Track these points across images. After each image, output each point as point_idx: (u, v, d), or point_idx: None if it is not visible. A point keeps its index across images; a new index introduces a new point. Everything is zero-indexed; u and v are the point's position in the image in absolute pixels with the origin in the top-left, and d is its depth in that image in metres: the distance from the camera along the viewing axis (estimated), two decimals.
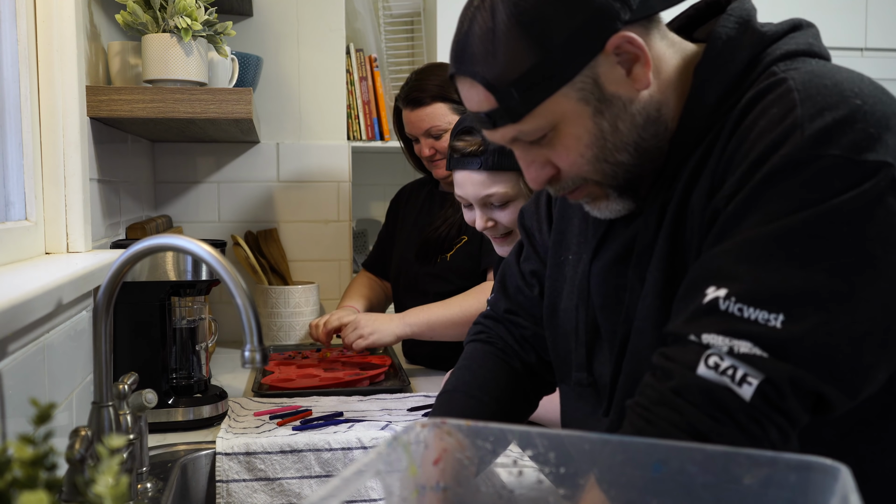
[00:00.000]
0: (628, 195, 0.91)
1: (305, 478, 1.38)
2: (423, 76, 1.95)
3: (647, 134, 0.88)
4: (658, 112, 0.88)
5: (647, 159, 0.89)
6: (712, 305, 0.77)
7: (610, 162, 0.88)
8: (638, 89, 0.86)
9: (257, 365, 0.96)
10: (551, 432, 0.69)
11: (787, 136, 0.77)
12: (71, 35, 1.32)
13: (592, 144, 0.87)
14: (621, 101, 0.86)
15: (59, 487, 0.57)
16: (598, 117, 0.85)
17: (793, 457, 0.60)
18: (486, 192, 1.47)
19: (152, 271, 1.43)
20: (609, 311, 0.96)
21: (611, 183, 0.90)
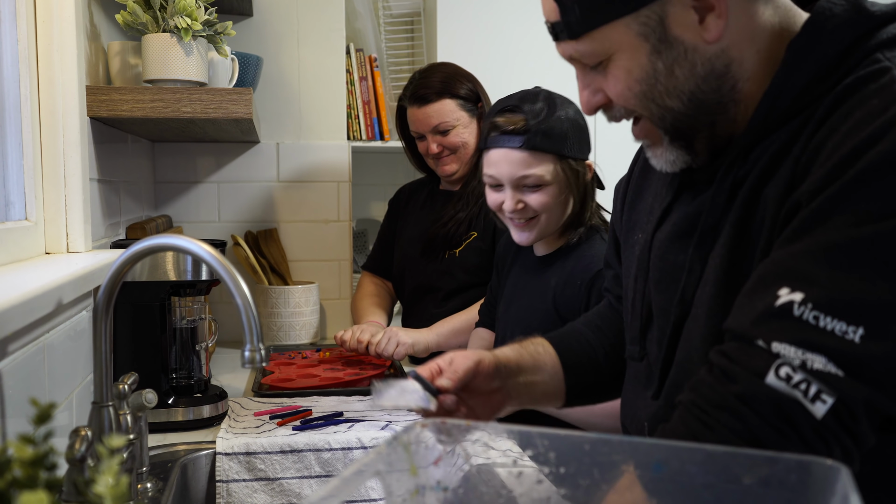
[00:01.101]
0: (680, 144, 0.87)
1: (305, 478, 1.38)
2: (429, 73, 1.98)
3: (708, 87, 0.83)
4: (726, 68, 0.83)
5: (702, 111, 0.85)
6: (785, 309, 0.72)
7: (658, 104, 0.85)
8: (707, 40, 0.81)
9: (257, 365, 0.96)
10: (551, 432, 0.69)
11: (885, 130, 0.72)
12: (71, 35, 1.32)
13: (642, 81, 0.84)
14: (683, 47, 0.82)
15: (59, 487, 0.57)
16: (655, 56, 0.82)
17: (793, 457, 0.60)
18: (523, 171, 1.47)
19: (152, 271, 1.43)
20: (663, 287, 0.92)
21: (660, 125, 0.87)
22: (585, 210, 1.53)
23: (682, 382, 0.86)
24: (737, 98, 0.85)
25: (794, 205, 0.76)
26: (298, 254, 2.40)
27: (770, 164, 0.81)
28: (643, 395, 0.96)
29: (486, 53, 2.48)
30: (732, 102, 0.85)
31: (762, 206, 0.81)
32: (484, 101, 1.98)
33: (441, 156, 1.97)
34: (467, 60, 2.15)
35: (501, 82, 2.52)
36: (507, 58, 2.50)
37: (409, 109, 1.98)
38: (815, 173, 0.75)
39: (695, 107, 0.84)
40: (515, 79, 2.50)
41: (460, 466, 0.75)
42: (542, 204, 1.49)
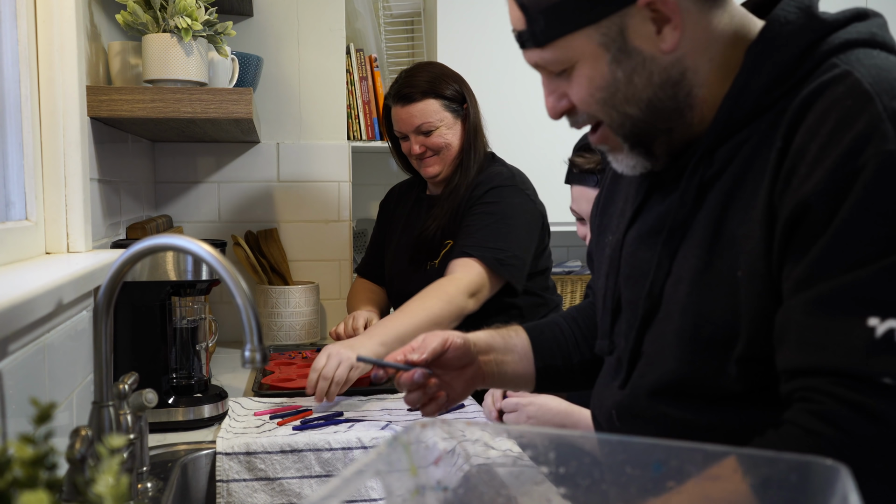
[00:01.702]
0: (639, 150, 0.91)
1: (305, 477, 1.38)
2: (414, 73, 1.94)
3: (664, 94, 0.87)
4: (681, 76, 0.86)
5: (660, 118, 0.88)
6: (888, 339, 0.72)
7: (618, 110, 0.88)
8: (663, 50, 0.85)
9: (257, 365, 0.96)
10: (551, 432, 0.69)
11: (875, 128, 0.75)
12: (71, 35, 1.32)
13: (603, 89, 0.87)
14: (642, 57, 0.85)
15: (59, 487, 0.57)
16: (615, 66, 0.86)
17: (793, 457, 0.60)
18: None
19: (152, 271, 1.43)
20: (632, 282, 0.96)
21: (620, 131, 0.90)
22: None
23: (649, 374, 0.91)
24: (692, 103, 0.88)
25: (802, 207, 0.77)
26: (298, 254, 2.40)
27: (743, 165, 0.84)
28: (611, 385, 1.00)
29: (487, 53, 2.49)
30: (688, 108, 0.88)
31: (741, 205, 0.83)
32: (470, 101, 1.94)
33: (424, 156, 1.94)
34: (467, 60, 2.15)
35: (501, 82, 2.52)
36: (507, 58, 2.50)
37: (394, 108, 1.94)
38: (813, 174, 0.77)
39: (652, 113, 0.88)
40: (515, 79, 2.51)
41: (460, 466, 0.75)
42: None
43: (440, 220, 1.92)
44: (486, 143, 1.99)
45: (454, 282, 1.77)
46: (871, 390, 0.72)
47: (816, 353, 0.75)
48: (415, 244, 1.97)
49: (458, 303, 1.75)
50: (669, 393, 0.89)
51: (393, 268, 2.07)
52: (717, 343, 0.84)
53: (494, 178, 1.91)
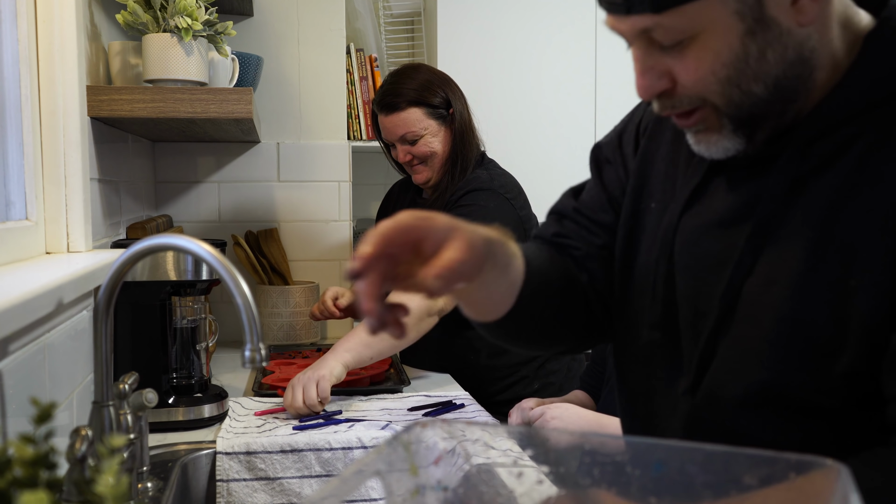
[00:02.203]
0: (743, 133, 0.81)
1: (305, 477, 1.38)
2: (398, 79, 1.90)
3: (793, 73, 0.79)
4: (811, 53, 0.79)
5: (781, 98, 0.80)
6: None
7: (742, 89, 0.79)
8: (800, 23, 0.77)
9: (257, 365, 0.96)
10: (552, 432, 0.69)
11: None
12: (71, 35, 1.32)
13: (731, 65, 0.77)
14: (779, 29, 0.76)
15: (59, 487, 0.57)
16: (749, 38, 0.76)
17: (793, 457, 0.60)
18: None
19: (153, 271, 1.43)
20: (695, 274, 0.86)
21: (732, 112, 0.80)
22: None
23: (730, 382, 0.82)
24: (810, 87, 0.80)
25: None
26: (298, 254, 2.40)
27: (856, 164, 0.77)
28: (670, 386, 0.90)
29: (486, 53, 2.49)
30: (805, 91, 0.80)
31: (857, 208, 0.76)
32: (456, 105, 1.90)
33: (412, 164, 1.92)
34: (467, 60, 2.15)
35: (501, 82, 2.52)
36: (507, 58, 2.50)
37: (379, 116, 1.92)
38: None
39: (776, 93, 0.79)
40: (516, 79, 2.51)
41: (460, 466, 0.75)
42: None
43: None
44: (478, 144, 1.95)
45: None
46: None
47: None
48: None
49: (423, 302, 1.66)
50: (756, 404, 0.82)
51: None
52: (820, 354, 0.77)
53: (472, 182, 1.88)
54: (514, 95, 2.53)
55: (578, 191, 1.06)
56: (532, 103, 2.53)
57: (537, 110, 2.54)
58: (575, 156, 2.53)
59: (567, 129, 2.55)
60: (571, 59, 2.53)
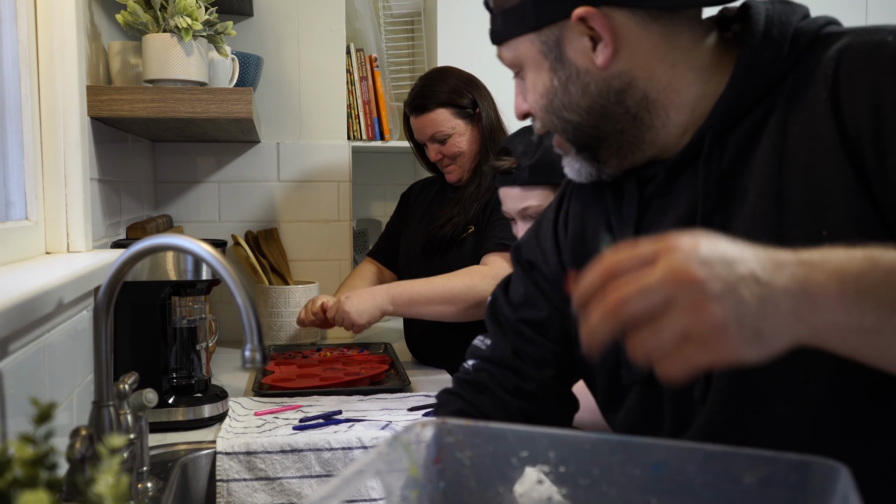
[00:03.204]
0: (585, 154, 0.93)
1: (305, 477, 1.38)
2: (428, 82, 1.99)
3: (607, 101, 0.88)
4: (627, 85, 0.87)
5: (606, 122, 0.89)
6: None
7: (559, 116, 0.91)
8: (598, 66, 0.86)
9: (257, 365, 0.96)
10: (551, 432, 0.69)
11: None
12: (71, 35, 1.32)
13: (544, 95, 0.91)
14: (576, 69, 0.88)
15: (59, 487, 0.57)
16: (552, 73, 0.89)
17: (793, 456, 0.60)
18: (521, 205, 1.57)
19: (153, 271, 1.43)
20: None
21: (565, 136, 0.93)
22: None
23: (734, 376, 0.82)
24: (649, 107, 0.88)
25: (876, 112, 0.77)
26: (298, 254, 2.40)
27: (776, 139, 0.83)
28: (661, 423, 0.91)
29: (486, 53, 2.47)
30: (645, 111, 0.88)
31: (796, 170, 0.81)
32: (483, 104, 1.98)
33: (443, 163, 2.02)
34: (467, 60, 2.15)
35: (501, 82, 2.52)
36: None
37: (410, 118, 2.02)
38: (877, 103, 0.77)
39: (595, 118, 0.89)
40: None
41: (460, 466, 0.75)
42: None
43: (462, 217, 1.96)
44: None
45: (483, 269, 1.85)
46: None
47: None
48: (430, 236, 2.02)
49: (481, 291, 1.81)
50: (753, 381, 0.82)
51: (408, 256, 2.11)
52: None
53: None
54: (513, 96, 2.52)
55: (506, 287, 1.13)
56: None
57: None
58: None
59: None
60: None
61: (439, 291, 1.82)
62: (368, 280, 2.18)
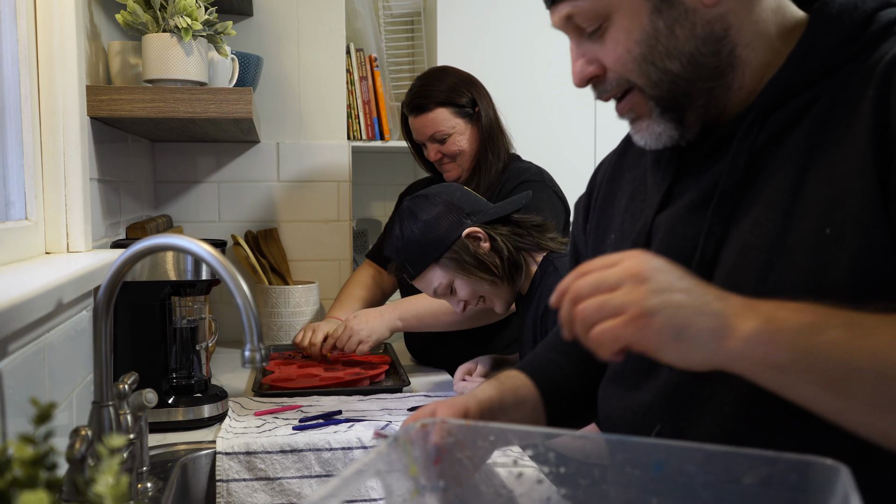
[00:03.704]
0: (671, 116, 0.87)
1: (305, 477, 1.38)
2: (426, 82, 1.99)
3: (707, 49, 0.84)
4: (725, 32, 0.84)
5: (701, 76, 0.85)
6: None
7: (658, 66, 0.85)
8: (705, 3, 0.82)
9: (257, 365, 0.96)
10: (551, 432, 0.69)
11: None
12: (71, 35, 1.32)
13: (643, 42, 0.84)
14: (684, 7, 0.83)
15: (59, 487, 0.57)
16: (656, 16, 0.83)
17: (793, 457, 0.60)
18: (429, 290, 1.62)
19: (152, 271, 1.43)
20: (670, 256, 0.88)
21: (655, 93, 0.86)
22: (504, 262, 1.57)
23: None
24: (734, 63, 0.85)
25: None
26: (298, 254, 2.40)
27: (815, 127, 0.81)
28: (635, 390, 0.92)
29: (486, 53, 2.48)
30: (730, 68, 0.85)
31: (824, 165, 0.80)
32: (482, 104, 1.98)
33: (442, 162, 2.01)
34: (467, 60, 2.15)
35: (501, 82, 2.52)
36: (507, 58, 2.50)
37: (409, 118, 2.02)
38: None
39: (694, 70, 0.85)
40: (515, 79, 2.51)
41: (460, 466, 0.75)
42: (468, 294, 1.60)
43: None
44: (508, 143, 2.03)
45: None
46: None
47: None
48: None
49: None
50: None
51: None
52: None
53: (523, 174, 1.95)
54: (514, 95, 2.52)
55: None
56: (532, 103, 2.53)
57: (537, 110, 2.54)
58: (574, 155, 2.54)
59: (567, 129, 2.56)
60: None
61: (445, 304, 1.82)
62: (367, 286, 2.17)
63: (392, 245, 1.61)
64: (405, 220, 1.59)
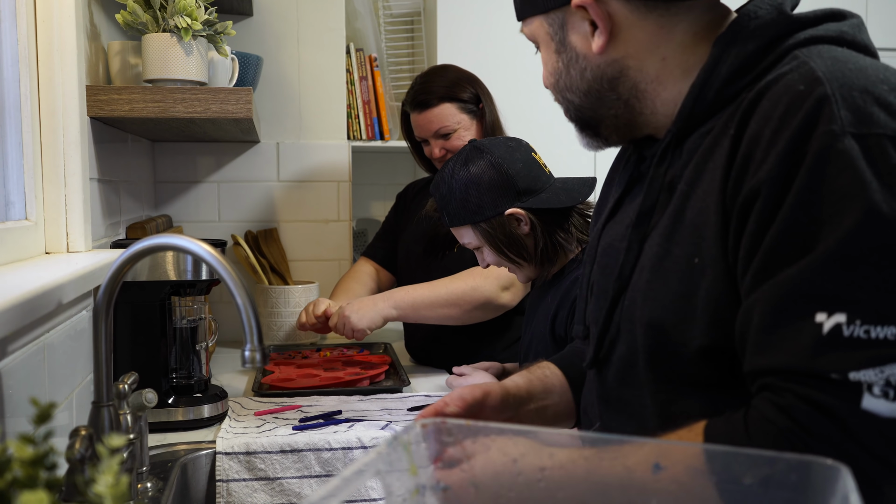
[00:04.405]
0: (587, 131, 0.99)
1: (305, 477, 1.38)
2: (429, 78, 1.98)
3: (600, 87, 0.92)
4: (620, 73, 0.91)
5: (601, 105, 0.94)
6: (835, 335, 0.71)
7: (563, 95, 0.96)
8: (594, 51, 0.90)
9: (257, 365, 0.96)
10: (551, 431, 0.69)
11: (821, 110, 0.75)
12: (71, 35, 1.32)
13: (553, 74, 0.96)
14: (575, 53, 0.92)
15: (59, 487, 0.57)
16: (557, 55, 0.94)
17: (793, 457, 0.60)
18: (461, 241, 1.59)
19: (152, 271, 1.43)
20: (604, 269, 0.98)
21: (567, 114, 0.99)
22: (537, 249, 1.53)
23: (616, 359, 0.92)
24: (639, 96, 0.92)
25: (754, 194, 0.77)
26: (298, 254, 2.40)
27: (703, 155, 0.85)
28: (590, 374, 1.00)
29: (486, 53, 2.48)
30: (635, 99, 0.92)
31: (700, 194, 0.84)
32: (485, 101, 1.98)
33: (445, 160, 1.96)
34: (467, 60, 2.15)
35: (502, 82, 2.52)
36: (507, 57, 2.50)
37: (412, 115, 1.99)
38: (767, 159, 0.77)
39: (592, 101, 0.94)
40: (516, 78, 2.51)
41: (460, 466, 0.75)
42: (494, 261, 1.56)
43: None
44: None
45: (486, 272, 1.82)
46: (820, 385, 0.72)
47: (771, 354, 0.75)
48: (433, 234, 1.99)
49: (486, 292, 1.81)
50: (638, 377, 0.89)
51: (408, 257, 2.09)
52: (675, 330, 0.84)
53: None
54: (514, 95, 2.52)
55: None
56: (532, 103, 2.53)
57: (537, 110, 2.54)
58: (575, 155, 2.53)
59: (567, 129, 2.55)
60: None
61: (443, 295, 1.82)
62: (364, 283, 2.15)
63: (438, 182, 1.56)
64: (459, 162, 1.53)
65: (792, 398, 0.73)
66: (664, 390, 0.86)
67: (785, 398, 0.74)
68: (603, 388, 0.96)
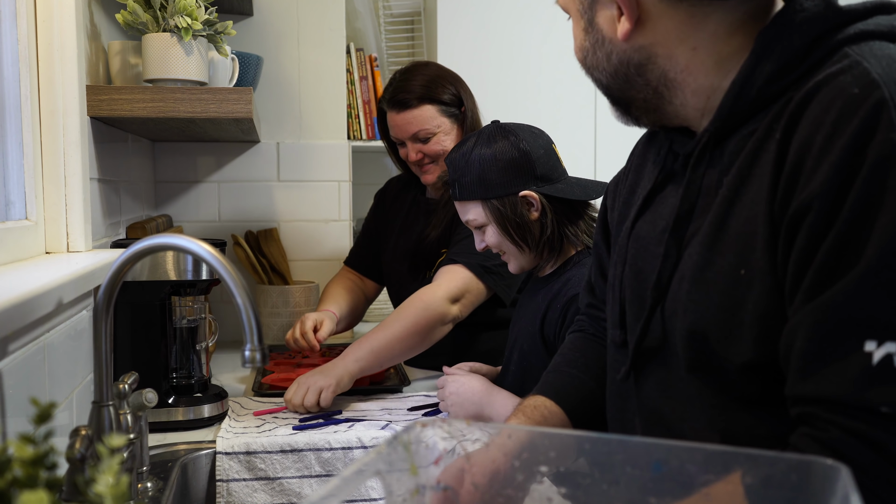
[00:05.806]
0: (618, 107, 0.95)
1: (305, 477, 1.38)
2: (409, 76, 1.86)
3: (627, 71, 0.89)
4: (647, 60, 0.87)
5: (629, 87, 0.90)
6: (886, 365, 0.67)
7: (591, 73, 0.94)
8: (620, 36, 0.87)
9: (257, 364, 0.96)
10: (551, 431, 0.69)
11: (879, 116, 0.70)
12: (71, 35, 1.32)
13: (580, 50, 0.93)
14: (602, 35, 0.89)
15: (59, 487, 0.57)
16: (585, 34, 0.92)
17: (793, 457, 0.60)
18: (464, 217, 1.55)
19: (152, 271, 1.43)
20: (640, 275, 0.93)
21: (598, 87, 0.95)
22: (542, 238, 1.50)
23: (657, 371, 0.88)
24: (669, 85, 0.88)
25: (805, 207, 0.72)
26: (298, 254, 2.40)
27: (748, 159, 0.81)
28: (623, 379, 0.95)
29: (487, 53, 2.48)
30: (664, 88, 0.88)
31: (746, 202, 0.79)
32: (468, 103, 1.88)
33: (422, 163, 1.88)
34: (467, 60, 2.15)
35: (502, 82, 2.52)
36: (507, 57, 2.50)
37: (389, 114, 1.87)
38: (819, 169, 0.72)
39: (620, 82, 0.91)
40: (515, 78, 2.51)
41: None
42: (495, 243, 1.52)
43: (439, 229, 1.87)
44: None
45: (432, 289, 1.71)
46: (869, 419, 0.69)
47: (816, 382, 0.72)
48: (414, 252, 1.93)
49: (437, 308, 1.67)
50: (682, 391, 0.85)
51: (392, 274, 2.04)
52: (719, 344, 0.80)
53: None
54: (514, 95, 2.53)
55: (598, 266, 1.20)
56: (532, 102, 2.53)
57: (537, 110, 2.54)
58: (575, 155, 2.53)
59: (567, 129, 2.55)
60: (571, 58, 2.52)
61: (399, 330, 1.64)
62: (349, 289, 2.06)
63: (454, 155, 1.52)
64: (482, 137, 1.50)
65: (837, 432, 0.70)
66: (712, 405, 0.83)
67: (829, 432, 0.71)
68: (641, 400, 0.92)
